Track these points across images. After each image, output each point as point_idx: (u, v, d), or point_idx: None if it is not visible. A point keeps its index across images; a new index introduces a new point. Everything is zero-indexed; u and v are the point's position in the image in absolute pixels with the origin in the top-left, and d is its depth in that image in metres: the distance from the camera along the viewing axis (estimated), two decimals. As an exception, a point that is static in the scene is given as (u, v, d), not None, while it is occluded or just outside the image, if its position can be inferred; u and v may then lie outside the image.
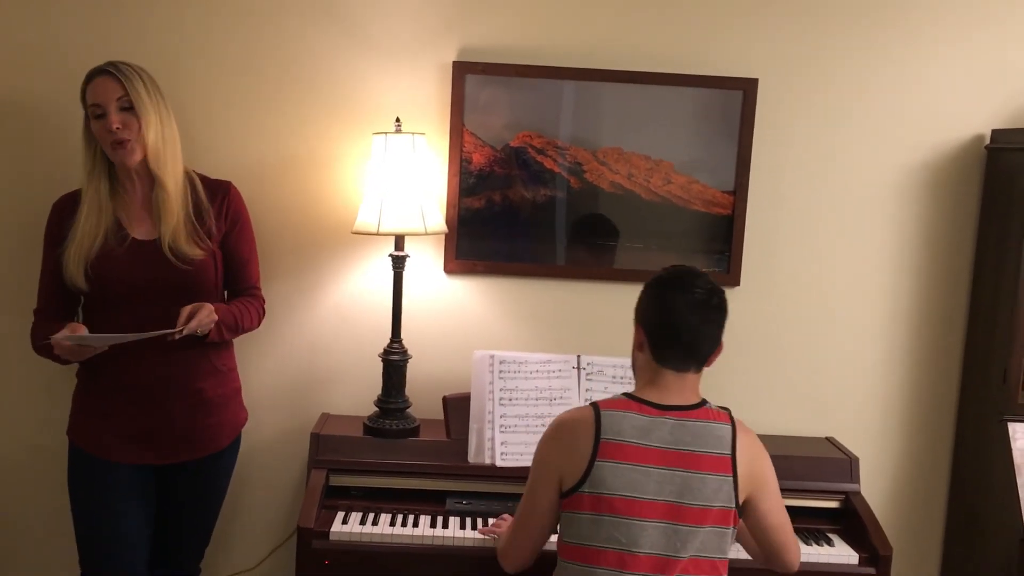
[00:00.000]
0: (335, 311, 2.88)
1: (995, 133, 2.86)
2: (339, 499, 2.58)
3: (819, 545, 2.55)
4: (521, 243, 2.87)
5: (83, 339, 2.26)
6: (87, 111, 2.36)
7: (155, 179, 2.37)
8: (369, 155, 2.67)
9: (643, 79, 2.80)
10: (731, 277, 2.88)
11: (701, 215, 2.87)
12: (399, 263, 2.66)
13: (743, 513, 2.06)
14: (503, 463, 2.60)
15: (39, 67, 2.73)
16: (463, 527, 2.49)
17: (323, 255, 2.85)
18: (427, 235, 2.66)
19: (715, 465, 2.00)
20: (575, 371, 2.68)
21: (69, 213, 2.39)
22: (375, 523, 2.48)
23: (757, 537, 2.15)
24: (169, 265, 2.36)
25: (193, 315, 2.31)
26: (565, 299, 2.90)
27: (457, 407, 2.65)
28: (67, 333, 2.25)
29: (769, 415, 2.93)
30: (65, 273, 2.36)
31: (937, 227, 2.93)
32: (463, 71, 2.79)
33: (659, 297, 2.05)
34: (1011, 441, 2.71)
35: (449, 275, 2.89)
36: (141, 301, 2.36)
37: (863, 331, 2.95)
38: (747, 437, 2.06)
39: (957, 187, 2.91)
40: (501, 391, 2.63)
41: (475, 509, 2.57)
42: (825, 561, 2.49)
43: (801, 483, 2.60)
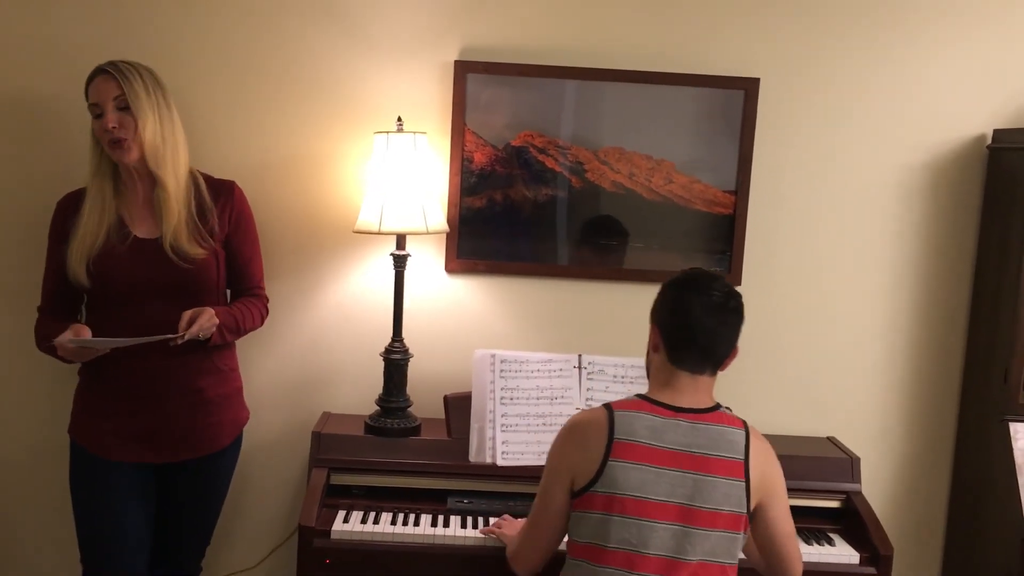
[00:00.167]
0: (336, 310, 2.88)
1: (997, 133, 2.86)
2: (340, 498, 2.58)
3: (820, 545, 2.55)
4: (522, 242, 2.87)
5: (86, 342, 2.27)
6: (90, 110, 2.37)
7: (155, 178, 2.38)
8: (371, 154, 2.68)
9: (645, 78, 2.80)
10: (732, 277, 2.88)
11: (702, 215, 2.87)
12: (400, 262, 2.66)
13: (751, 520, 2.05)
14: (504, 462, 2.60)
15: (43, 66, 2.73)
16: (464, 526, 2.49)
17: (324, 254, 2.85)
18: (428, 234, 2.66)
19: (728, 469, 1.99)
20: (576, 370, 2.68)
21: (73, 211, 2.40)
22: (376, 522, 2.48)
23: (762, 545, 2.12)
24: (170, 264, 2.36)
25: (194, 320, 2.31)
26: (566, 298, 2.91)
27: (458, 406, 2.65)
28: (71, 336, 2.26)
29: (770, 415, 2.93)
30: (68, 270, 2.36)
31: (939, 227, 2.93)
32: (465, 70, 2.79)
33: (676, 299, 2.05)
34: (1012, 441, 2.71)
35: (450, 274, 2.89)
36: (143, 299, 2.36)
37: (864, 331, 2.95)
38: (760, 444, 2.06)
39: (959, 187, 2.91)
40: (502, 390, 2.64)
41: (476, 508, 2.57)
42: (826, 561, 2.49)
43: (802, 483, 2.60)
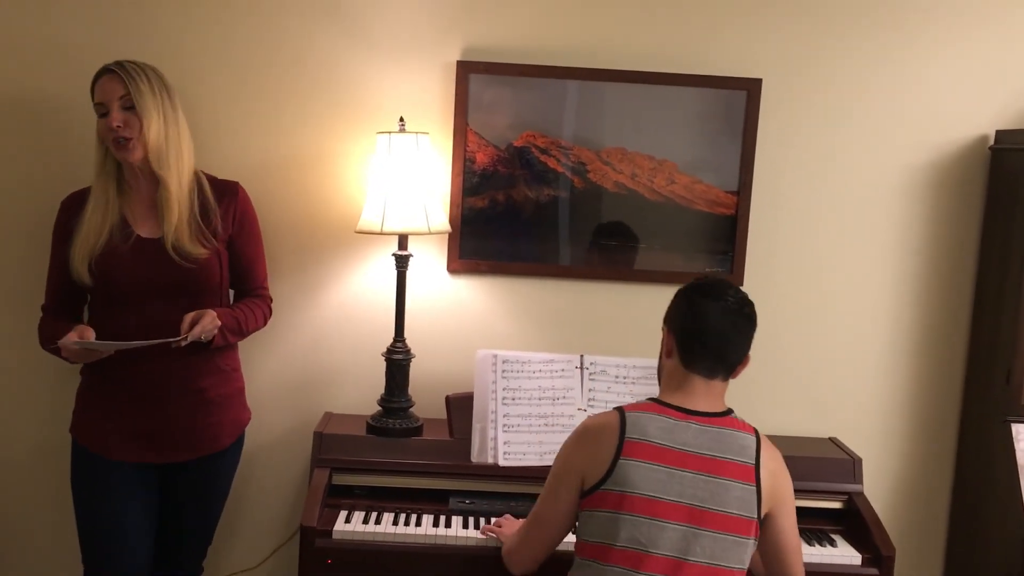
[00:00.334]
0: (338, 310, 2.88)
1: (999, 134, 2.86)
2: (342, 498, 2.58)
3: (822, 546, 2.55)
4: (524, 243, 2.87)
5: (91, 345, 2.27)
6: (95, 109, 2.38)
7: (158, 178, 2.38)
8: (373, 154, 2.68)
9: (647, 79, 2.80)
10: (734, 277, 2.87)
11: (704, 215, 2.87)
12: (402, 262, 2.66)
13: (760, 529, 2.04)
14: (506, 462, 2.60)
15: (47, 66, 2.73)
16: (466, 526, 2.49)
17: (326, 254, 2.85)
18: (430, 234, 2.66)
19: (739, 473, 1.99)
20: (578, 371, 2.68)
21: (77, 210, 2.40)
22: (378, 522, 2.48)
23: (767, 556, 2.11)
24: (173, 263, 2.37)
25: (196, 322, 2.31)
26: (568, 299, 2.90)
27: (460, 406, 2.65)
28: (75, 338, 2.26)
29: (772, 415, 2.92)
30: (71, 269, 2.36)
31: (941, 228, 2.92)
32: (467, 71, 2.79)
33: (692, 303, 2.06)
34: (1014, 442, 2.71)
35: (452, 274, 2.89)
36: (145, 298, 2.36)
37: (866, 332, 2.95)
38: (772, 452, 2.06)
39: (961, 188, 2.91)
40: (504, 390, 2.63)
41: (478, 508, 2.57)
42: (828, 562, 2.49)
43: (804, 483, 2.58)
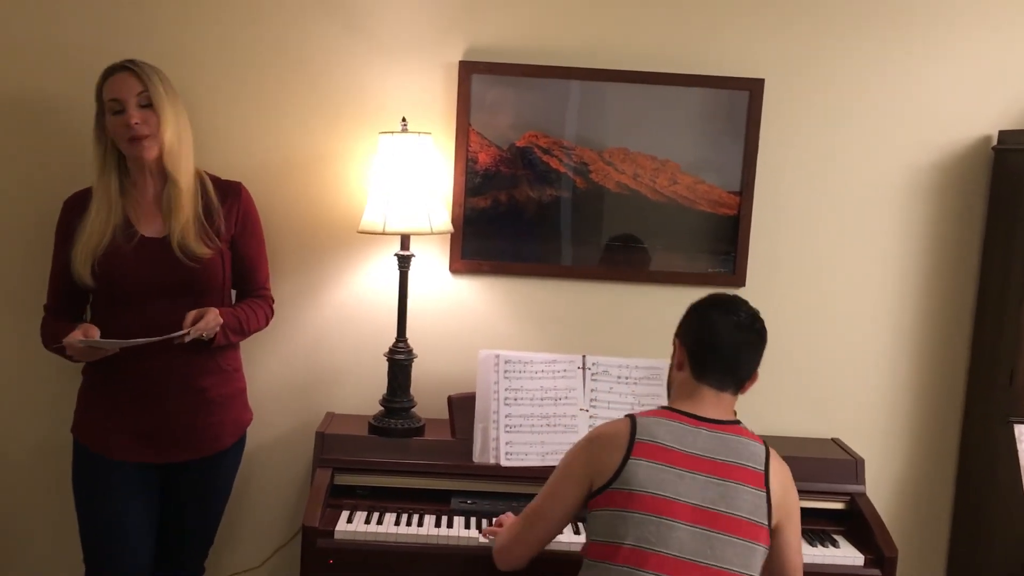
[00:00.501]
0: (340, 310, 2.88)
1: (1002, 134, 2.85)
2: (344, 498, 2.58)
3: (824, 547, 2.54)
4: (526, 243, 2.87)
5: (96, 343, 2.28)
6: (103, 107, 2.36)
7: (169, 176, 2.38)
8: (375, 155, 2.67)
9: (649, 79, 2.80)
10: (737, 278, 2.88)
11: (707, 215, 2.87)
12: (405, 263, 2.66)
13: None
14: (508, 463, 2.59)
15: (49, 66, 2.73)
16: (468, 527, 2.49)
17: (328, 254, 2.85)
18: (433, 235, 2.66)
19: (749, 478, 1.99)
20: (580, 371, 2.67)
21: (80, 211, 2.40)
22: (380, 522, 2.48)
23: (769, 569, 2.09)
24: (177, 263, 2.37)
25: (199, 319, 2.32)
26: (570, 299, 2.90)
27: (462, 406, 2.65)
28: (80, 336, 2.27)
29: (775, 416, 2.92)
30: (72, 272, 2.36)
31: (944, 228, 2.92)
32: (469, 71, 2.78)
33: (704, 316, 2.10)
34: (1017, 442, 2.70)
35: (454, 275, 2.89)
36: (148, 298, 2.36)
37: (869, 332, 2.95)
38: (781, 465, 2.07)
39: (964, 188, 2.90)
40: (506, 391, 2.63)
41: (480, 509, 2.57)
42: (830, 563, 2.49)
43: (807, 484, 2.56)
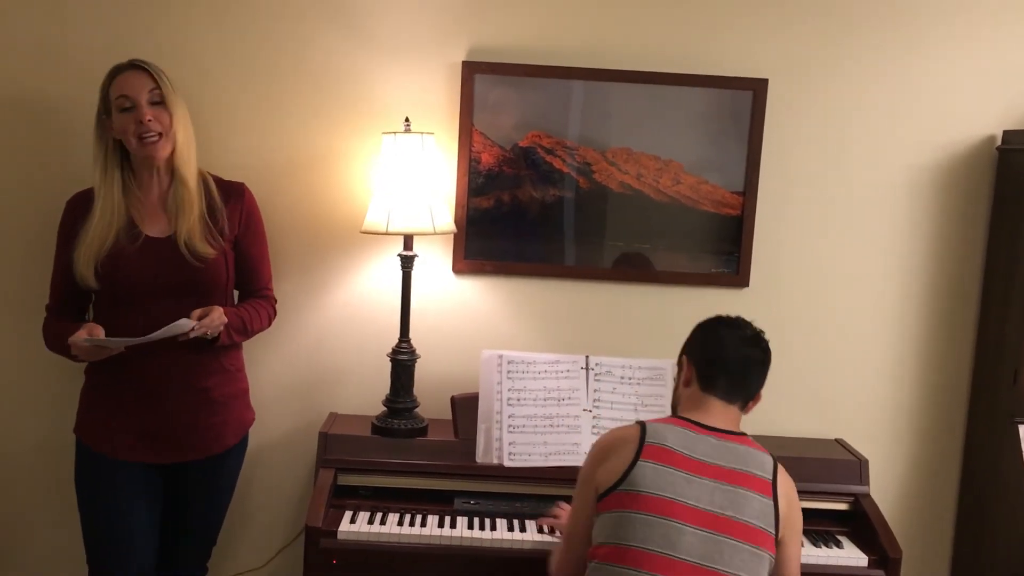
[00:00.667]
0: (343, 310, 2.88)
1: (1007, 134, 2.85)
2: (347, 498, 2.58)
3: (828, 547, 2.54)
4: (530, 243, 2.87)
5: (101, 342, 2.27)
6: (110, 105, 2.35)
7: (177, 175, 2.38)
8: (378, 155, 2.68)
9: (652, 79, 2.80)
10: (740, 278, 2.87)
11: (710, 215, 2.87)
12: (408, 263, 2.66)
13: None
14: (511, 463, 2.59)
15: (51, 67, 2.73)
16: (471, 527, 2.49)
17: (332, 254, 2.85)
18: (436, 235, 2.66)
19: (758, 485, 2.00)
20: (583, 371, 2.67)
21: (83, 211, 2.39)
22: (383, 523, 2.48)
23: None
24: (182, 263, 2.37)
25: (204, 316, 2.32)
26: (573, 299, 2.90)
27: (465, 407, 2.65)
28: (85, 335, 2.26)
29: (779, 416, 2.91)
30: (75, 273, 2.36)
31: (948, 228, 2.92)
32: (472, 71, 2.78)
33: (712, 332, 2.18)
34: (1021, 443, 2.70)
35: (457, 275, 2.89)
36: (152, 298, 2.36)
37: (873, 332, 2.94)
38: (787, 479, 2.08)
39: (968, 188, 2.90)
40: (509, 391, 2.63)
41: (483, 509, 2.57)
42: (834, 564, 2.49)
43: (810, 485, 2.58)
